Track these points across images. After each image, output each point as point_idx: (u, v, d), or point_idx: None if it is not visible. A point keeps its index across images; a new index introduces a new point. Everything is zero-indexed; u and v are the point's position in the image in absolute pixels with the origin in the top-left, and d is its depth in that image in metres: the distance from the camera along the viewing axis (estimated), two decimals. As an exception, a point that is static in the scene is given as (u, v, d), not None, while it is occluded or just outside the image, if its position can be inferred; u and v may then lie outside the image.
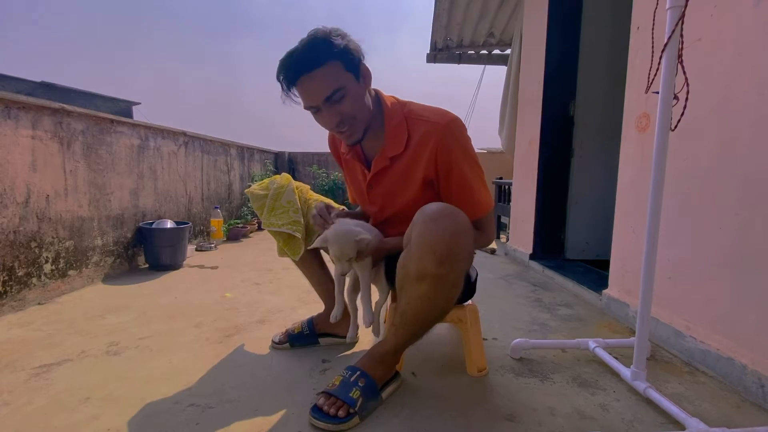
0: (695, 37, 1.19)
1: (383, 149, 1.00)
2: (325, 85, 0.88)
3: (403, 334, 0.94)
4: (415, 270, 0.83)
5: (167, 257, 2.30)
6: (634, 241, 1.53)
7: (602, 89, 2.41)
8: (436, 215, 0.82)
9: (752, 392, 1.00)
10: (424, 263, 0.81)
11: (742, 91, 1.08)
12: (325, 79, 0.88)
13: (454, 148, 0.94)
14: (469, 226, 0.84)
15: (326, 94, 0.88)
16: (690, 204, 1.23)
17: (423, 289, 0.84)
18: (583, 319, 1.59)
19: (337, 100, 0.90)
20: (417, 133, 0.96)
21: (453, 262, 0.81)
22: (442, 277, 0.82)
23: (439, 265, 0.80)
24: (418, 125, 0.96)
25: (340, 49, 0.88)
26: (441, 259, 0.80)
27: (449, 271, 0.82)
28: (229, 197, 3.76)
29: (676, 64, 0.90)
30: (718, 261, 1.13)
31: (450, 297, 0.88)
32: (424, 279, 0.83)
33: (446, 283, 0.84)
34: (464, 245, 0.82)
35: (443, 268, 0.81)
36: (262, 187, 1.23)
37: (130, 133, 2.30)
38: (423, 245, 0.81)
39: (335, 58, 0.88)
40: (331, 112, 0.91)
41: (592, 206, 2.47)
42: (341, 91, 0.89)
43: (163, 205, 2.65)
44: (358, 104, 0.93)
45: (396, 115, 0.99)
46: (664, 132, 0.92)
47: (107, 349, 1.24)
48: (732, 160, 1.10)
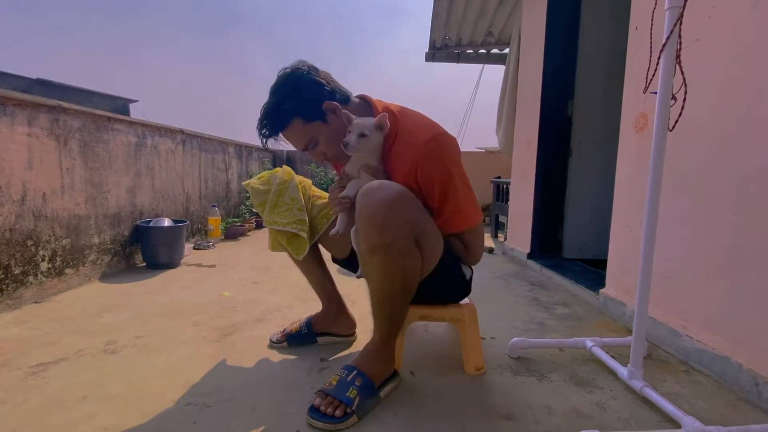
0: (693, 37, 1.20)
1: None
2: (296, 141, 1.01)
3: (380, 321, 0.96)
4: (365, 244, 0.87)
5: (165, 256, 2.30)
6: (631, 241, 1.54)
7: (600, 89, 2.41)
8: (371, 188, 0.86)
9: (747, 391, 1.01)
10: (369, 236, 0.85)
11: (740, 92, 1.08)
12: (293, 137, 1.00)
13: (433, 164, 0.93)
14: (406, 194, 0.86)
15: (300, 147, 1.02)
16: (687, 204, 1.24)
17: (376, 262, 0.87)
18: (580, 318, 1.59)
19: (313, 147, 1.01)
20: (401, 146, 0.97)
21: (394, 229, 0.84)
22: (388, 246, 0.85)
23: (381, 235, 0.83)
24: (403, 138, 0.97)
25: (294, 107, 0.96)
26: (381, 228, 0.83)
27: (393, 238, 0.84)
28: (227, 196, 3.75)
29: (675, 65, 0.90)
30: (715, 261, 1.14)
31: (405, 267, 0.89)
32: (374, 252, 0.86)
33: (395, 252, 0.86)
34: (401, 210, 0.85)
35: (387, 237, 0.83)
36: (262, 181, 1.20)
37: (127, 130, 2.29)
38: (363, 218, 0.85)
39: (294, 116, 0.97)
40: (314, 155, 1.04)
41: (590, 206, 2.48)
42: (312, 141, 1.00)
43: (161, 204, 2.64)
44: (334, 141, 0.99)
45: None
46: (662, 132, 0.93)
47: (104, 348, 1.24)
48: (729, 161, 1.10)
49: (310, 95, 0.97)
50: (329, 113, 0.98)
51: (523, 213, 2.67)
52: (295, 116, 0.97)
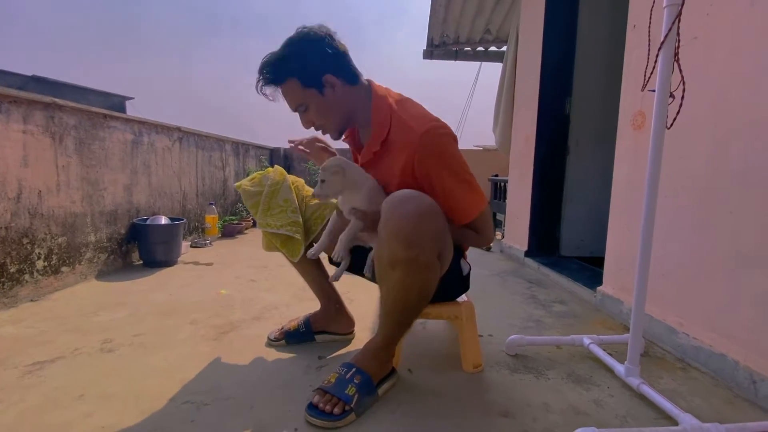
0: (691, 35, 1.20)
1: (369, 143, 1.01)
2: (290, 100, 1.01)
3: (389, 326, 0.94)
4: (387, 257, 0.84)
5: (162, 254, 2.29)
6: (628, 239, 1.54)
7: (598, 87, 2.42)
8: (400, 200, 0.84)
9: (744, 388, 1.01)
10: (393, 248, 0.82)
11: (738, 90, 1.08)
12: (287, 94, 1.00)
13: (429, 158, 0.91)
14: (435, 208, 0.85)
15: (292, 107, 1.02)
16: (684, 202, 1.24)
17: (397, 275, 0.85)
18: (577, 316, 1.60)
19: (303, 110, 1.01)
20: (396, 135, 0.96)
21: (421, 245, 0.82)
22: (413, 261, 0.83)
23: (407, 249, 0.81)
24: (398, 126, 0.96)
25: (297, 68, 0.96)
26: (408, 243, 0.81)
27: (419, 253, 0.83)
28: (224, 193, 3.73)
29: (673, 63, 0.90)
30: (712, 258, 1.14)
31: (425, 281, 0.88)
32: (396, 265, 0.84)
33: (418, 267, 0.84)
34: (430, 226, 0.83)
35: (412, 251, 0.82)
36: (254, 183, 1.19)
37: (123, 128, 2.27)
38: (389, 230, 0.82)
39: (292, 76, 0.97)
40: (303, 119, 1.03)
41: (587, 204, 2.48)
42: (302, 105, 1.00)
43: (158, 201, 2.63)
44: (324, 113, 1.00)
45: (382, 111, 0.98)
46: (660, 130, 0.93)
47: (101, 347, 1.23)
48: (726, 159, 1.11)
49: (316, 63, 0.96)
50: (327, 86, 0.97)
51: (521, 211, 2.68)
52: (294, 76, 0.96)
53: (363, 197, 0.98)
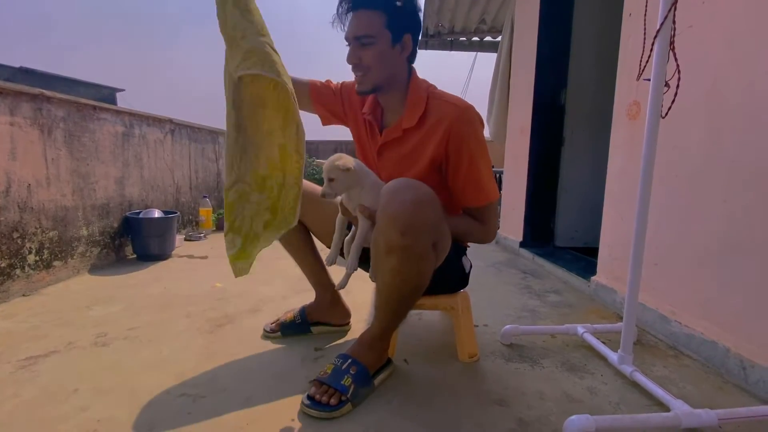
0: (687, 24, 1.19)
1: (400, 120, 1.03)
2: (361, 26, 0.95)
3: (384, 315, 0.95)
4: (383, 243, 0.85)
5: (155, 247, 2.27)
6: (622, 229, 1.55)
7: (593, 78, 2.41)
8: (398, 187, 0.84)
9: (734, 374, 1.03)
10: (389, 235, 0.83)
11: (732, 79, 1.08)
12: (364, 20, 0.95)
13: (467, 133, 0.97)
14: (433, 198, 0.85)
15: (358, 33, 0.96)
16: (678, 191, 1.25)
17: (392, 262, 0.85)
18: (572, 305, 1.61)
19: (364, 44, 0.96)
20: (434, 113, 0.99)
21: (416, 233, 0.82)
22: (408, 248, 0.83)
23: (402, 236, 0.81)
24: (436, 105, 1.00)
25: (392, 6, 0.95)
26: (404, 230, 0.81)
27: (414, 242, 0.83)
28: (218, 186, 3.70)
29: (668, 51, 0.90)
30: (704, 248, 1.15)
31: (420, 270, 0.88)
32: (391, 252, 0.84)
33: (413, 255, 0.85)
34: (426, 215, 0.84)
35: (407, 239, 0.82)
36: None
37: (113, 120, 2.23)
38: (386, 217, 0.83)
39: (382, 9, 0.95)
40: (355, 52, 0.98)
41: (582, 194, 2.49)
42: (370, 39, 0.95)
43: (150, 194, 2.60)
44: (379, 60, 0.97)
45: (419, 90, 1.02)
46: (655, 119, 0.93)
47: (95, 341, 1.22)
48: (720, 148, 1.11)
49: (408, 19, 0.98)
50: (399, 44, 0.98)
51: (516, 202, 2.68)
52: (385, 12, 0.95)
53: (371, 193, 0.97)
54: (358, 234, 0.98)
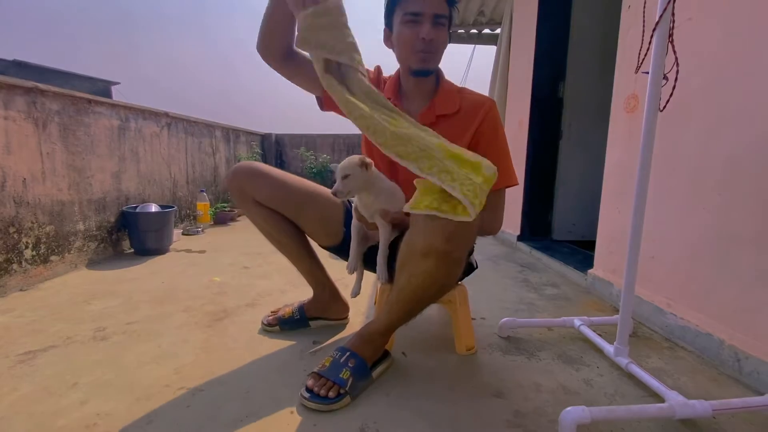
0: (686, 16, 1.18)
1: (431, 106, 1.06)
2: (441, 6, 0.97)
3: (397, 312, 0.94)
4: (422, 245, 0.83)
5: (153, 242, 2.26)
6: (619, 222, 1.55)
7: (592, 70, 2.40)
8: None
9: (729, 366, 1.04)
10: (432, 239, 0.82)
11: (731, 74, 1.08)
12: (444, 2, 0.98)
13: (497, 122, 1.07)
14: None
15: (438, 11, 0.97)
16: (675, 184, 1.25)
17: (427, 264, 0.84)
18: (568, 298, 1.62)
19: (440, 23, 0.99)
20: (467, 104, 1.06)
21: (460, 240, 0.83)
22: (448, 254, 0.83)
23: (447, 242, 0.81)
24: (468, 98, 1.08)
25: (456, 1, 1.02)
26: (450, 236, 0.81)
27: (455, 248, 0.83)
28: (215, 180, 3.69)
29: (667, 44, 0.90)
30: (700, 240, 1.16)
31: (451, 274, 0.89)
32: (429, 255, 0.83)
33: (450, 261, 0.85)
34: (473, 225, 0.83)
35: (450, 245, 0.82)
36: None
37: (109, 113, 2.21)
38: (433, 221, 0.81)
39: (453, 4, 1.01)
40: (431, 29, 0.97)
41: (579, 188, 2.50)
42: (444, 19, 0.99)
43: (147, 189, 2.59)
44: (445, 42, 1.03)
45: (450, 85, 1.10)
46: (653, 112, 0.92)
47: (94, 335, 1.22)
48: (716, 142, 1.11)
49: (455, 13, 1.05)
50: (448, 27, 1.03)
51: (514, 195, 2.68)
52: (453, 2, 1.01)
53: (392, 198, 0.97)
54: (382, 242, 1.00)
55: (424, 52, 0.99)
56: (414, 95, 1.08)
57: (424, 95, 1.08)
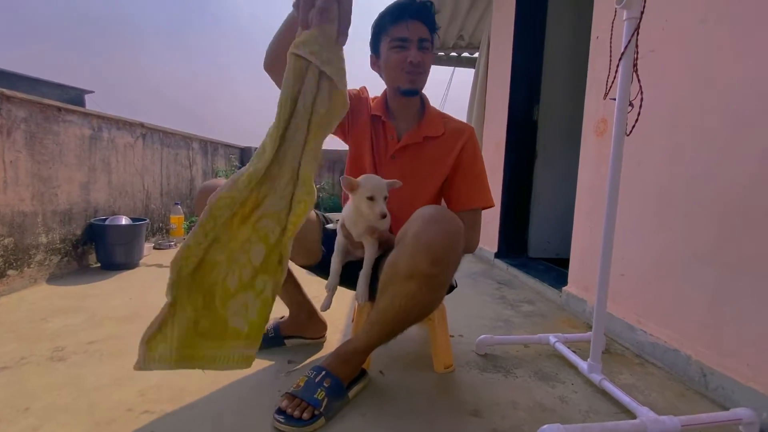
0: (649, 48, 1.26)
1: (419, 127, 1.11)
2: (424, 32, 1.04)
3: (378, 332, 0.92)
4: (406, 267, 0.83)
5: (121, 256, 2.17)
6: (591, 241, 1.60)
7: (564, 95, 2.51)
8: (435, 216, 0.84)
9: (695, 381, 1.08)
10: (418, 261, 0.81)
11: (690, 101, 1.15)
12: (423, 28, 1.04)
13: (476, 148, 1.14)
14: (463, 231, 0.86)
15: (423, 36, 1.03)
16: (642, 205, 1.30)
17: (411, 287, 0.84)
18: (544, 315, 1.65)
19: (425, 47, 1.05)
20: (450, 129, 1.13)
21: (446, 264, 0.83)
22: (433, 277, 0.83)
23: (432, 265, 0.81)
24: (451, 124, 1.14)
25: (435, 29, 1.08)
26: (435, 259, 0.81)
27: (441, 271, 0.83)
28: (191, 193, 3.60)
29: (632, 73, 0.95)
30: (666, 258, 1.21)
31: (436, 298, 0.89)
32: (413, 277, 0.83)
33: (435, 284, 0.85)
34: (458, 248, 0.85)
35: (436, 268, 0.82)
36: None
37: (80, 122, 2.14)
38: (419, 244, 0.82)
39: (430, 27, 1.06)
40: (418, 52, 1.03)
41: (554, 207, 2.57)
42: (428, 44, 1.05)
43: (118, 200, 2.49)
44: (429, 64, 1.08)
45: (434, 110, 1.16)
46: (620, 137, 0.97)
47: (51, 355, 1.15)
48: (680, 165, 1.18)
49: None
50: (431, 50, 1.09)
51: (491, 213, 2.74)
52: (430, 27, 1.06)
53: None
54: (367, 260, 1.00)
55: (412, 73, 1.04)
56: (401, 115, 1.13)
57: (410, 117, 1.13)
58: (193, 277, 0.75)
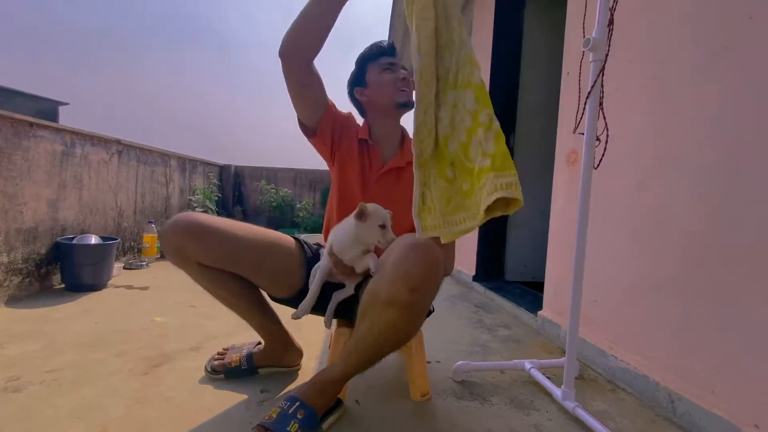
0: (614, 86, 1.34)
1: (402, 153, 1.15)
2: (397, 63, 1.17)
3: (355, 361, 0.91)
4: (386, 295, 0.83)
5: (89, 276, 2.08)
6: (565, 267, 1.65)
7: (538, 125, 2.62)
8: (415, 245, 0.84)
9: (664, 407, 1.10)
10: (397, 289, 0.82)
11: (652, 134, 1.23)
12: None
13: None
14: (442, 261, 0.87)
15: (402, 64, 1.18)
16: (613, 233, 1.36)
17: (390, 315, 0.84)
18: (520, 340, 1.66)
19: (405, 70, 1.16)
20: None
21: (425, 293, 0.84)
22: (413, 305, 0.83)
23: (411, 293, 0.81)
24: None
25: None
26: (415, 287, 0.81)
27: (420, 299, 0.84)
28: (166, 211, 3.51)
29: (598, 110, 1.01)
30: (635, 285, 1.25)
31: (414, 326, 0.89)
32: (393, 305, 0.83)
33: (414, 312, 0.85)
34: (436, 277, 0.86)
35: (415, 296, 0.82)
36: None
37: (52, 138, 2.08)
38: (399, 272, 0.82)
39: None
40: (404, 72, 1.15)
41: (530, 231, 2.64)
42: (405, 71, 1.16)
43: (88, 218, 2.41)
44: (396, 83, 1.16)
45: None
46: (589, 169, 1.02)
47: (5, 386, 1.08)
48: (645, 196, 1.24)
49: None
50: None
51: (470, 237, 2.78)
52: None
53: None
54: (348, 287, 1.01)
55: (405, 89, 1.14)
56: (385, 141, 1.18)
57: (394, 143, 1.18)
58: (434, 155, 0.84)
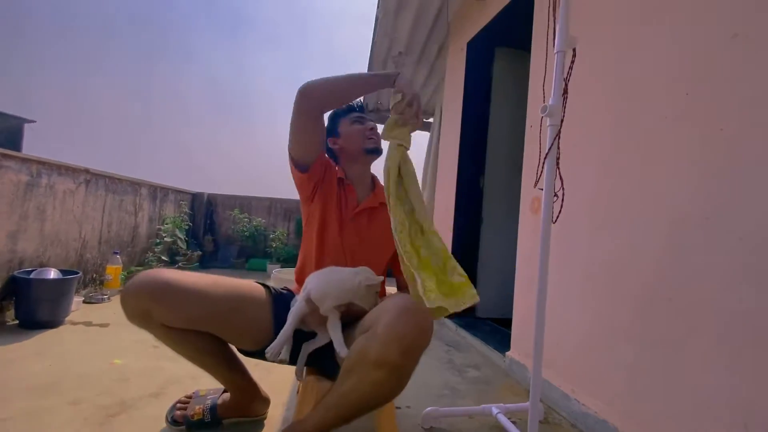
0: (571, 144, 1.46)
1: (375, 194, 1.24)
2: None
3: (334, 416, 0.89)
4: (376, 356, 0.83)
5: (45, 313, 1.97)
6: (530, 309, 1.71)
7: (505, 168, 2.77)
8: (409, 308, 0.86)
9: (621, 453, 1.14)
10: (389, 351, 0.82)
11: (606, 190, 1.34)
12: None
13: None
14: (433, 326, 0.89)
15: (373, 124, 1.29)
16: (573, 280, 1.44)
17: (379, 375, 0.83)
18: (489, 382, 1.69)
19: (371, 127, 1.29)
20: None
21: (415, 356, 0.85)
22: (402, 368, 0.84)
23: (402, 356, 0.82)
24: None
25: None
26: (406, 351, 0.82)
27: (409, 362, 0.84)
28: (133, 241, 3.40)
29: (555, 170, 1.10)
30: (593, 330, 1.32)
31: (400, 387, 0.89)
32: (383, 366, 0.83)
33: (402, 374, 0.85)
34: (427, 342, 0.87)
35: (406, 359, 0.83)
36: None
37: (18, 168, 2.02)
38: (391, 334, 0.82)
39: None
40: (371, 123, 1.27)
41: (499, 269, 2.71)
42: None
43: (49, 250, 2.31)
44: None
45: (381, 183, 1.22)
46: (548, 223, 1.10)
47: (-58, 441, 1.00)
48: (599, 248, 1.33)
49: None
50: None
51: (442, 273, 2.83)
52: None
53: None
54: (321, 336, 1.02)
55: (374, 137, 1.26)
56: (358, 183, 1.25)
57: (365, 185, 1.27)
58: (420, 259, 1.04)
